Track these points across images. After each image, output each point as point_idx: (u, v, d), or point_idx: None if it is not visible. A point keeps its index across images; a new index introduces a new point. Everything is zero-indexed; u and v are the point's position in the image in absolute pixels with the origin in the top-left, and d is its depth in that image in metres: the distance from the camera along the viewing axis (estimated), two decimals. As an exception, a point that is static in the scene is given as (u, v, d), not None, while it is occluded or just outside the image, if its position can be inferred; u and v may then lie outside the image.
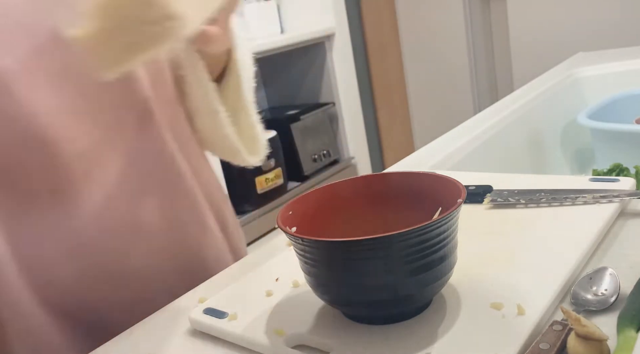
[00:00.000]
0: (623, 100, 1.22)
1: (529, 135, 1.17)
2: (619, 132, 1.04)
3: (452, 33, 2.94)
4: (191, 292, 0.61)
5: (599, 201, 0.61)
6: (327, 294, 0.46)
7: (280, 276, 0.56)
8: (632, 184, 0.66)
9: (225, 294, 0.55)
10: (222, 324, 0.50)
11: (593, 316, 0.45)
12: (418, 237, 0.42)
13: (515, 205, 0.65)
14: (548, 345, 0.40)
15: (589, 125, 1.09)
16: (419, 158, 0.94)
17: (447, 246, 0.44)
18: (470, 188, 0.68)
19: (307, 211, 0.50)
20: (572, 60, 1.55)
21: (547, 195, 0.64)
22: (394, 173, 0.55)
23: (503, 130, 1.08)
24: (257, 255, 0.66)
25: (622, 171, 0.91)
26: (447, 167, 0.90)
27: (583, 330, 0.39)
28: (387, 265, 0.42)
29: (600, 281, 0.48)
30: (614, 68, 1.38)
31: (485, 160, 1.00)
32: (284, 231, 0.45)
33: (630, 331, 0.40)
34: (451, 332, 0.44)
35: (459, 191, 0.46)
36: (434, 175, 0.52)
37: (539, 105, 1.22)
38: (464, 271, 0.50)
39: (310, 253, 0.44)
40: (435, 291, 0.46)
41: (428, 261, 0.43)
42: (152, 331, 0.55)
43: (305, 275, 0.46)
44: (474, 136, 1.01)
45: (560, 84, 1.34)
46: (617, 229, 0.59)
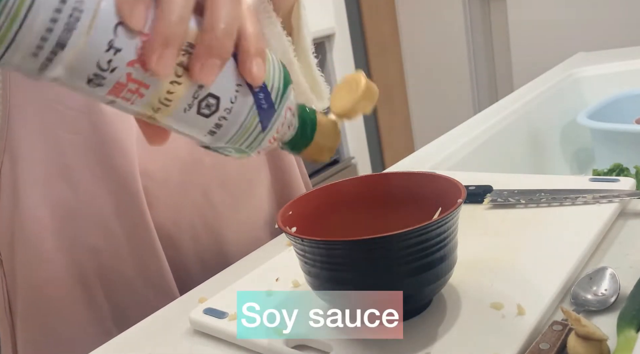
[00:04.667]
0: (623, 100, 1.22)
1: (529, 135, 1.17)
2: (619, 132, 1.04)
3: (452, 33, 2.94)
4: (191, 292, 0.61)
5: (599, 201, 0.61)
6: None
7: (280, 276, 0.56)
8: (632, 184, 0.66)
9: (226, 294, 0.55)
10: (222, 324, 0.50)
11: (593, 316, 0.45)
12: (418, 237, 0.41)
13: (515, 205, 0.65)
14: (548, 345, 0.40)
15: (589, 125, 1.09)
16: (419, 158, 0.94)
17: (447, 246, 0.44)
18: (470, 188, 0.68)
19: (307, 211, 0.50)
20: (572, 60, 1.55)
21: (547, 195, 0.64)
22: (394, 173, 0.55)
23: (503, 130, 1.08)
24: (257, 255, 0.66)
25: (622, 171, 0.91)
26: (447, 167, 0.89)
27: (583, 330, 0.39)
28: (387, 265, 0.42)
29: (600, 281, 0.48)
30: (614, 68, 1.38)
31: (485, 160, 1.00)
32: (284, 231, 0.45)
33: (630, 331, 0.40)
34: (451, 332, 0.44)
35: (459, 192, 0.46)
36: (434, 175, 0.52)
37: (539, 105, 1.22)
38: (464, 271, 0.50)
39: (310, 253, 0.44)
40: (435, 291, 0.46)
41: (428, 261, 0.43)
42: (152, 331, 0.55)
43: (305, 275, 0.46)
44: (474, 136, 1.01)
45: (560, 84, 1.34)
46: (617, 229, 0.59)
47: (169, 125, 0.34)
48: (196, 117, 0.34)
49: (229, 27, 0.32)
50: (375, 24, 2.99)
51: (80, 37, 0.28)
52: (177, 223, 0.66)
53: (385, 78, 3.08)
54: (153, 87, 0.31)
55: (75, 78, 0.30)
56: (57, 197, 0.60)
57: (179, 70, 0.32)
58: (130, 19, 0.29)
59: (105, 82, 0.30)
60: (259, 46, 0.34)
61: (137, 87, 0.31)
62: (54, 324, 0.62)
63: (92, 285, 0.63)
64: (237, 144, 0.36)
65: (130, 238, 0.63)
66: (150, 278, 0.65)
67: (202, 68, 0.31)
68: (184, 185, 0.66)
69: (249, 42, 0.33)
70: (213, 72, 0.32)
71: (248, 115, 0.35)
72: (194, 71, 0.32)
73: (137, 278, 0.64)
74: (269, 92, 0.36)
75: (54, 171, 0.59)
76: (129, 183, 0.61)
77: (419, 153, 0.97)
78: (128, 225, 0.62)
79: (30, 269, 0.61)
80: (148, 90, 0.31)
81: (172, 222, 0.66)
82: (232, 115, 0.34)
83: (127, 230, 0.62)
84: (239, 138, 0.36)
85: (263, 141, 0.37)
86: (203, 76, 0.32)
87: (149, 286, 0.65)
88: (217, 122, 0.34)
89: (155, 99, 0.32)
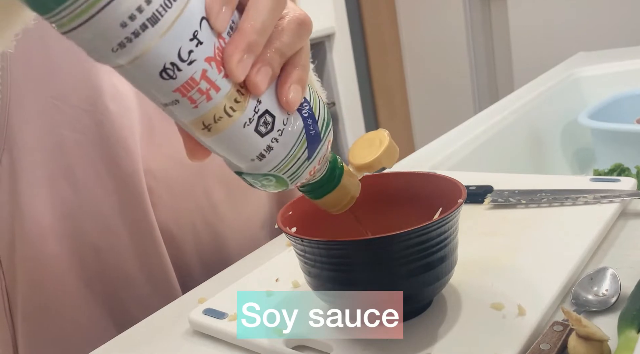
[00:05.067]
0: (624, 100, 1.22)
1: (529, 135, 1.17)
2: (620, 132, 1.04)
3: (452, 33, 2.94)
4: (191, 292, 0.61)
5: (599, 201, 0.61)
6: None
7: (280, 276, 0.56)
8: (633, 184, 0.65)
9: (225, 294, 0.55)
10: (222, 325, 0.50)
11: (594, 316, 0.45)
12: (418, 237, 0.41)
13: (515, 205, 0.65)
14: (549, 346, 0.40)
15: (590, 125, 1.09)
16: (419, 158, 0.94)
17: (448, 246, 0.44)
18: (470, 188, 0.68)
19: (307, 211, 0.50)
20: (572, 60, 1.55)
21: (547, 195, 0.64)
22: (394, 173, 0.55)
23: (503, 130, 1.08)
24: (257, 255, 0.66)
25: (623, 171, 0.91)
26: (447, 167, 0.89)
27: (584, 331, 0.39)
28: (388, 266, 0.42)
29: (601, 281, 0.48)
30: (614, 68, 1.37)
31: (485, 160, 1.00)
32: (284, 231, 0.45)
33: (631, 331, 0.40)
34: (452, 332, 0.43)
35: (459, 192, 0.46)
36: (434, 175, 0.52)
37: (540, 105, 1.22)
38: (465, 272, 0.50)
39: (310, 253, 0.44)
40: (435, 291, 0.46)
41: (428, 262, 0.43)
42: (152, 332, 0.54)
43: (305, 275, 0.46)
44: (474, 136, 1.01)
45: (561, 84, 1.34)
46: (618, 229, 0.59)
47: (220, 140, 0.33)
48: (253, 135, 0.33)
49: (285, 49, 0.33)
50: (375, 24, 2.99)
51: (172, 16, 0.27)
52: (179, 222, 0.66)
53: (385, 78, 3.08)
54: (223, 91, 0.31)
55: (149, 66, 0.28)
56: (59, 196, 0.60)
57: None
58: (216, 19, 0.29)
59: (179, 74, 0.29)
60: (302, 75, 0.34)
61: (209, 88, 0.30)
62: (55, 323, 0.62)
63: (94, 284, 0.63)
64: (282, 171, 0.35)
65: (133, 237, 0.63)
66: (152, 278, 0.64)
67: (258, 72, 0.32)
68: (187, 185, 0.66)
69: (294, 67, 0.34)
70: (266, 78, 0.32)
71: (298, 140, 0.35)
72: (251, 73, 0.32)
73: (139, 278, 0.64)
74: (316, 119, 0.36)
75: (56, 169, 0.59)
76: (133, 182, 0.61)
77: (419, 153, 0.97)
78: (131, 224, 0.62)
79: (31, 268, 0.60)
80: (218, 93, 0.31)
81: (175, 222, 0.66)
82: (284, 137, 0.34)
83: (129, 229, 0.62)
84: (286, 164, 0.35)
85: (305, 171, 0.36)
86: (259, 79, 0.32)
87: (152, 285, 0.65)
88: (269, 143, 0.34)
89: (221, 106, 0.31)
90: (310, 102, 0.36)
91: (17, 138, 0.58)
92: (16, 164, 0.58)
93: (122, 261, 0.63)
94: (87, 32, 0.27)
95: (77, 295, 0.62)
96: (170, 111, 0.31)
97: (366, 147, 0.45)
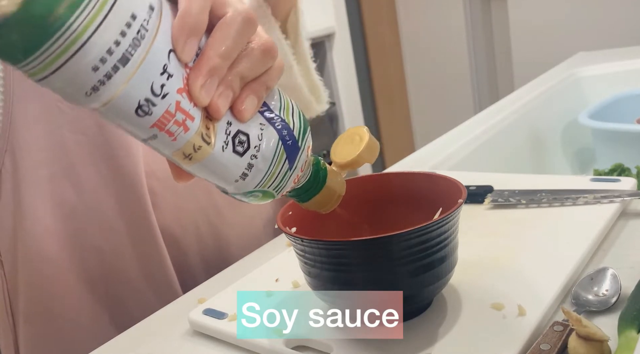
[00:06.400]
0: (624, 100, 1.21)
1: (529, 135, 1.17)
2: (620, 132, 1.04)
3: (452, 33, 2.94)
4: (191, 292, 0.61)
5: (600, 201, 0.61)
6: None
7: (280, 277, 0.56)
8: (634, 184, 0.65)
9: (225, 294, 0.55)
10: (222, 325, 0.50)
11: (594, 316, 0.45)
12: (418, 238, 0.41)
13: (516, 205, 0.65)
14: (549, 346, 0.40)
15: (590, 125, 1.08)
16: (419, 158, 0.94)
17: (448, 246, 0.44)
18: (470, 188, 0.68)
19: (307, 211, 0.50)
20: (573, 60, 1.55)
21: (548, 195, 0.64)
22: (394, 173, 0.55)
23: (503, 130, 1.08)
24: (257, 255, 0.66)
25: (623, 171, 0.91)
26: (447, 167, 0.89)
27: (584, 331, 0.39)
28: (388, 266, 0.42)
29: (601, 281, 0.48)
30: (614, 68, 1.37)
31: (485, 160, 1.00)
32: (284, 231, 0.45)
33: (631, 331, 0.40)
34: (452, 333, 0.43)
35: (459, 192, 0.46)
36: (434, 175, 0.52)
37: (540, 105, 1.22)
38: (465, 272, 0.50)
39: (310, 253, 0.44)
40: (436, 291, 0.46)
41: (429, 262, 0.43)
42: (152, 332, 0.54)
43: (305, 276, 0.46)
44: (474, 136, 1.01)
45: (561, 84, 1.34)
46: (618, 229, 0.59)
47: (202, 166, 0.34)
48: (232, 156, 0.34)
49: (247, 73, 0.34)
50: (375, 24, 2.99)
51: (142, 54, 0.28)
52: (181, 223, 0.66)
53: (385, 78, 3.07)
54: (197, 120, 0.31)
55: (124, 106, 0.29)
56: (61, 197, 0.60)
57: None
58: (182, 51, 0.30)
59: (154, 109, 0.29)
60: (257, 88, 0.35)
61: (184, 118, 0.31)
62: (56, 323, 0.62)
63: (95, 284, 0.63)
64: (267, 185, 0.36)
65: (134, 238, 0.63)
66: (153, 279, 0.64)
67: (219, 96, 0.32)
68: (189, 186, 0.66)
69: (253, 82, 0.35)
70: (226, 101, 0.33)
71: (276, 152, 0.35)
72: (212, 100, 0.32)
73: (140, 278, 0.64)
74: (291, 129, 0.36)
75: (58, 171, 0.59)
76: (134, 183, 0.61)
77: (419, 153, 0.97)
78: (132, 225, 0.62)
79: (33, 268, 0.60)
80: (193, 123, 0.31)
81: (176, 223, 0.66)
82: (262, 152, 0.35)
83: (131, 230, 0.62)
84: (269, 177, 0.36)
85: (289, 180, 0.37)
86: (220, 102, 0.32)
87: (153, 286, 0.65)
88: (249, 161, 0.34)
89: (198, 135, 0.32)
90: (281, 114, 0.36)
91: (20, 139, 0.58)
92: (18, 165, 0.58)
93: (123, 262, 0.63)
94: (59, 80, 0.27)
95: (78, 295, 0.62)
96: (152, 146, 0.32)
97: (347, 144, 0.45)
